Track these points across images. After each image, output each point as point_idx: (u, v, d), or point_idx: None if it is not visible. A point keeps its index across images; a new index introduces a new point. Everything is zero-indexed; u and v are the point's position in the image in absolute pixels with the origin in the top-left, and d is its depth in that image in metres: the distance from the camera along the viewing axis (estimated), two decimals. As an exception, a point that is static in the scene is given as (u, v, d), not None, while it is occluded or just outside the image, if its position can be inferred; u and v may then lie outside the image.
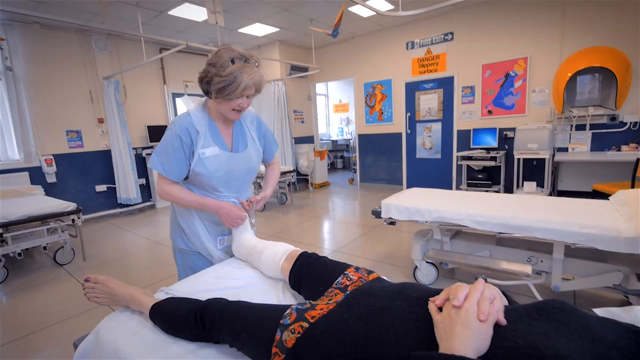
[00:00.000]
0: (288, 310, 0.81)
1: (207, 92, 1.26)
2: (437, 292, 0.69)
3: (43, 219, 2.94)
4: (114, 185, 5.08)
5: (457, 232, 2.57)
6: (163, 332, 0.98)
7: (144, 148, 5.43)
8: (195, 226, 1.38)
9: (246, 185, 1.46)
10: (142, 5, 4.09)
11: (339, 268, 0.99)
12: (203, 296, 1.03)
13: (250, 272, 1.28)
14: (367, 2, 4.42)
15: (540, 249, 2.12)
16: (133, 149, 5.16)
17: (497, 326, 0.57)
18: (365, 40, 5.96)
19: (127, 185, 5.00)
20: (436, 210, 2.19)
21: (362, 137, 6.39)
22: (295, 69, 6.19)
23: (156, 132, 5.40)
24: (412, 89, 5.57)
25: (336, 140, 9.02)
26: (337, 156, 9.07)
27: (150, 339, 0.96)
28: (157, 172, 1.27)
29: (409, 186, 5.87)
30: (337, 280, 0.94)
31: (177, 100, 5.86)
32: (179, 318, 0.94)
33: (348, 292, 0.84)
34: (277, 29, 5.36)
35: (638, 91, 3.87)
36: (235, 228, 1.38)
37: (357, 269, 0.97)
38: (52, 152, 4.56)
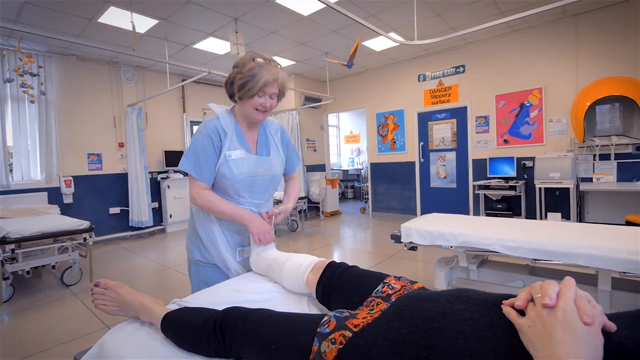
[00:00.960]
0: (325, 318, 0.72)
1: (231, 95, 1.27)
2: (505, 296, 0.60)
3: (56, 236, 2.93)
4: (127, 208, 5.11)
5: (484, 260, 2.41)
6: (175, 346, 0.88)
7: (159, 172, 5.52)
8: (215, 235, 1.32)
9: (268, 194, 1.42)
10: (170, 39, 4.34)
11: (377, 276, 0.90)
12: (220, 308, 0.94)
13: (271, 286, 1.18)
14: (381, 36, 4.59)
15: (582, 280, 1.90)
16: (149, 172, 5.24)
17: (606, 333, 0.47)
18: (377, 73, 6.14)
19: (141, 208, 5.02)
20: (462, 234, 2.03)
21: (375, 166, 6.37)
22: (308, 99, 6.36)
23: (173, 157, 5.50)
24: (425, 118, 5.61)
25: (347, 170, 9.03)
26: (348, 186, 9.04)
27: (160, 353, 0.86)
28: (189, 176, 1.24)
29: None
30: (376, 289, 0.84)
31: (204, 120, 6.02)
32: (195, 328, 0.84)
33: (393, 300, 0.74)
34: (293, 62, 5.58)
35: (661, 121, 3.78)
36: (262, 245, 1.30)
37: (397, 277, 0.88)
38: (72, 173, 4.67)
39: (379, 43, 4.86)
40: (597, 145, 4.09)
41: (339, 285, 0.94)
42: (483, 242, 1.94)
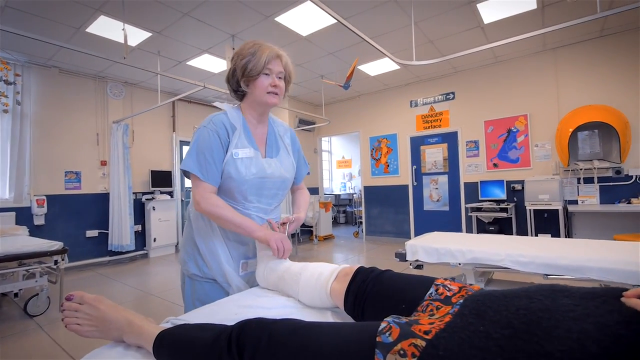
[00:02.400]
0: (383, 325, 0.58)
1: (236, 89, 1.16)
2: (613, 289, 0.52)
3: (22, 258, 2.58)
4: (106, 231, 4.74)
5: (490, 279, 2.36)
6: None
7: (144, 193, 5.22)
8: (215, 245, 1.15)
9: (278, 199, 1.25)
10: (163, 54, 4.27)
11: (422, 279, 0.79)
12: None
13: (284, 301, 1.00)
14: (376, 61, 4.75)
15: None
16: (133, 193, 4.94)
17: None
18: (371, 98, 6.30)
19: (122, 230, 4.67)
20: (470, 251, 2.00)
21: (368, 189, 6.36)
22: (302, 122, 6.38)
23: (159, 178, 5.25)
24: (417, 143, 5.73)
25: (339, 195, 8.99)
26: (340, 211, 8.98)
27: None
28: (192, 178, 1.08)
29: (416, 239, 5.67)
30: (429, 292, 0.72)
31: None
32: (201, 347, 0.68)
33: (461, 301, 0.62)
34: (287, 84, 5.63)
35: (638, 147, 4.04)
36: (279, 259, 1.12)
37: (451, 278, 0.78)
38: (46, 192, 4.31)
39: (374, 68, 5.01)
40: (581, 169, 4.29)
41: (377, 291, 0.79)
42: (493, 259, 1.91)
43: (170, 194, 5.50)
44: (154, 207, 5.08)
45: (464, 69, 5.22)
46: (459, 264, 2.02)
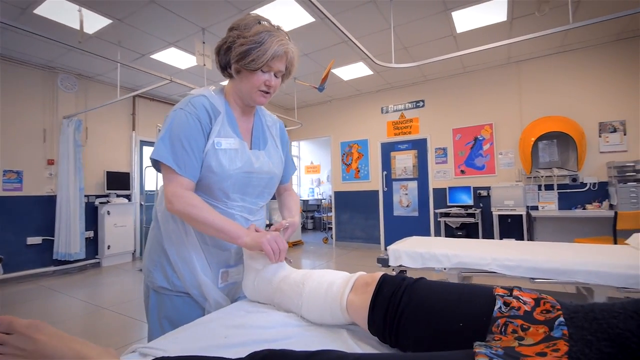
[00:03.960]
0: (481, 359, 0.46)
1: (225, 67, 0.98)
2: None
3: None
4: (51, 238, 4.24)
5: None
6: None
7: (98, 196, 4.76)
8: (189, 252, 0.97)
9: (264, 199, 1.09)
10: (124, 45, 3.94)
11: (476, 289, 0.65)
12: (217, 354, 0.63)
13: (283, 317, 0.82)
14: (350, 65, 4.73)
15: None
16: (85, 196, 4.48)
17: None
18: (343, 103, 6.28)
19: (70, 237, 4.20)
20: (455, 255, 1.97)
21: (339, 195, 6.30)
22: (273, 124, 6.22)
23: (116, 179, 4.82)
24: (388, 149, 5.78)
25: (307, 201, 8.87)
26: (308, 216, 8.85)
27: None
28: (165, 170, 0.90)
29: (386, 244, 5.66)
30: (497, 307, 0.57)
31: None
32: None
33: (562, 320, 0.51)
34: (259, 85, 5.46)
35: (592, 157, 4.33)
36: (274, 266, 0.94)
37: (513, 287, 0.64)
38: (-22, 194, 3.77)
39: (348, 72, 4.99)
40: (542, 177, 4.52)
41: (416, 306, 0.63)
42: (479, 263, 1.88)
43: (128, 197, 5.07)
44: (108, 212, 4.64)
45: (434, 78, 5.35)
46: (444, 268, 1.97)
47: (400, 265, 2.14)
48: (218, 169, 0.93)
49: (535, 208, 4.56)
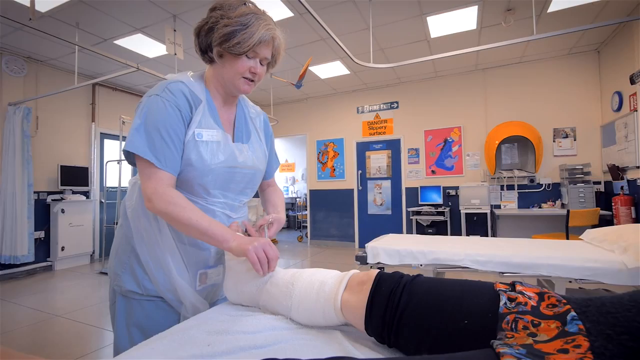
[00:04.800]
0: None
1: (206, 50, 0.89)
2: None
3: None
4: (-7, 239, 3.77)
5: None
6: None
7: (50, 192, 4.32)
8: (163, 252, 0.88)
9: (247, 195, 1.02)
10: (83, 28, 3.61)
11: (478, 285, 0.63)
12: None
13: (270, 320, 0.76)
14: (328, 63, 4.73)
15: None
16: (35, 192, 4.05)
17: None
18: (319, 101, 6.27)
19: (16, 238, 3.77)
20: (431, 251, 2.04)
21: (314, 193, 6.27)
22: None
23: (72, 174, 4.41)
24: (363, 148, 5.86)
25: (279, 199, 8.75)
26: (281, 215, 8.74)
27: None
28: (142, 164, 0.80)
29: (361, 242, 5.76)
30: (503, 302, 0.56)
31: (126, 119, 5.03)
32: None
33: (574, 314, 0.50)
34: (232, 79, 5.28)
35: (548, 160, 4.70)
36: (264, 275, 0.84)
37: (515, 282, 0.64)
38: None
39: (325, 70, 4.98)
40: (504, 177, 4.83)
41: (418, 303, 0.61)
42: (453, 259, 1.96)
43: (86, 194, 4.66)
44: (62, 210, 4.23)
45: (408, 81, 5.51)
46: (421, 265, 2.03)
47: (379, 263, 2.17)
48: (198, 163, 0.85)
49: (498, 207, 4.85)
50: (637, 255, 1.56)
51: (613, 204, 3.79)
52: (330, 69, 4.94)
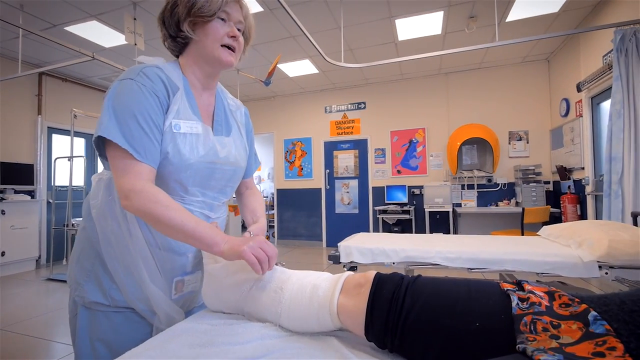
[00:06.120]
0: None
1: (176, 33, 0.83)
2: None
3: None
4: None
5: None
6: None
7: (-13, 192, 3.89)
8: (134, 257, 0.78)
9: (226, 194, 0.94)
10: (29, 11, 3.29)
11: (483, 284, 0.61)
12: None
13: (258, 328, 0.70)
14: (297, 61, 4.69)
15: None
16: (-32, 191, 3.63)
17: None
18: (287, 100, 6.21)
19: (-54, 243, 3.35)
20: (403, 250, 2.08)
21: (281, 192, 6.20)
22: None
23: (14, 172, 4.01)
24: (331, 147, 5.88)
25: (247, 199, 8.57)
26: (247, 215, 8.56)
27: None
28: (116, 155, 0.71)
29: (328, 241, 5.79)
30: (516, 304, 0.54)
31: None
32: None
33: (595, 314, 0.49)
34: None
35: (504, 161, 5.00)
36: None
37: (520, 280, 0.63)
38: None
39: (294, 69, 4.93)
40: (465, 177, 5.08)
41: (423, 306, 0.58)
42: (424, 256, 2.01)
43: (31, 193, 4.26)
44: (3, 211, 3.83)
45: (375, 82, 5.61)
46: (393, 263, 2.06)
47: (352, 262, 2.17)
48: (175, 157, 0.76)
49: (459, 205, 5.09)
50: (590, 249, 1.68)
51: (561, 202, 4.11)
52: (299, 68, 4.90)
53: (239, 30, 0.84)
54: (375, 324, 0.60)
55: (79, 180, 4.44)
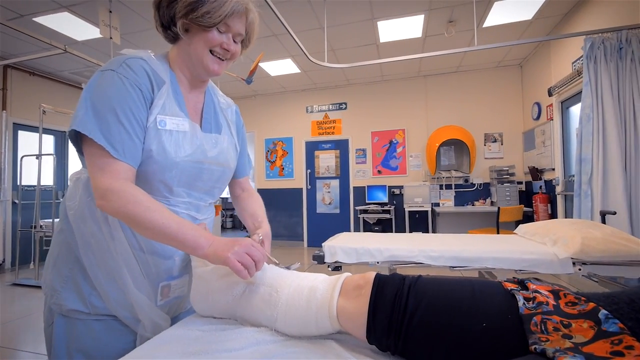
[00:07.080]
0: None
1: (168, 24, 0.77)
2: None
3: None
4: None
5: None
6: None
7: (-57, 192, 3.61)
8: (117, 262, 0.73)
9: (214, 195, 0.90)
10: (-7, 0, 3.09)
11: (487, 284, 0.61)
12: None
13: (253, 333, 0.67)
14: (279, 60, 4.65)
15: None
16: None
17: None
18: (268, 99, 6.15)
19: None
20: (387, 249, 2.10)
21: (262, 192, 6.13)
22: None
23: (-27, 170, 3.74)
24: (312, 147, 5.88)
25: (226, 198, 8.39)
26: (227, 215, 8.40)
27: None
28: (93, 152, 0.67)
29: (309, 241, 5.79)
30: (522, 304, 0.54)
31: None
32: None
33: (605, 312, 0.49)
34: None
35: (480, 162, 5.17)
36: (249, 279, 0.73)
37: (522, 279, 0.63)
38: None
39: (276, 68, 4.89)
40: (443, 177, 5.21)
41: (427, 307, 0.57)
42: (408, 255, 2.03)
43: (-7, 194, 3.99)
44: (-38, 213, 3.57)
45: (356, 83, 5.66)
46: (377, 262, 2.07)
47: (336, 261, 2.17)
48: (160, 155, 0.72)
49: (438, 205, 5.22)
50: (565, 247, 1.76)
51: (533, 201, 4.30)
52: (280, 67, 4.87)
53: (235, 42, 0.80)
54: (378, 326, 0.59)
55: (48, 180, 4.20)
